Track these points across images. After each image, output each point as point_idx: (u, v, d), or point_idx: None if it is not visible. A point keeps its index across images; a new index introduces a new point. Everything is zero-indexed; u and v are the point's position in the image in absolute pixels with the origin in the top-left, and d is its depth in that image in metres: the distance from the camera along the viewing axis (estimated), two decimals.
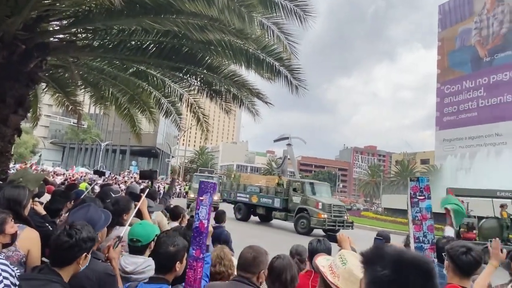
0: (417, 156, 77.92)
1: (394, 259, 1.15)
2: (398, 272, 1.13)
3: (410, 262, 1.14)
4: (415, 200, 2.86)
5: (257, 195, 20.63)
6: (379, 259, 1.17)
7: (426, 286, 1.13)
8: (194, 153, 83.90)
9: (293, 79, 6.96)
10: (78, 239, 1.98)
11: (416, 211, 2.84)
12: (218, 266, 2.89)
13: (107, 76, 8.92)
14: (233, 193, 22.46)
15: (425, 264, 1.15)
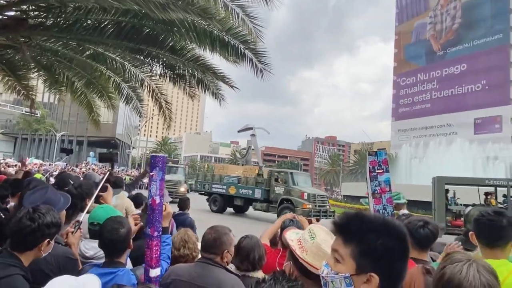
0: (374, 146, 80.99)
1: (386, 226, 1.14)
2: (392, 238, 1.12)
3: (396, 228, 1.14)
4: (373, 174, 2.95)
5: (235, 186, 20.09)
6: (370, 227, 1.15)
7: (408, 249, 1.16)
8: (156, 144, 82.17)
9: (258, 63, 6.88)
10: (41, 224, 1.88)
11: (375, 184, 2.93)
12: (182, 249, 2.86)
13: (62, 59, 8.42)
14: (207, 185, 21.71)
15: (404, 229, 1.17)
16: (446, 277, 1.18)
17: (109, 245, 2.21)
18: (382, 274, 1.10)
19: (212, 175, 22.45)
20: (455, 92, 53.08)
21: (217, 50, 6.80)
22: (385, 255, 1.11)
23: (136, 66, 8.68)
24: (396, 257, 1.12)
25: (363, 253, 1.12)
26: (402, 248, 1.13)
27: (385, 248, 1.11)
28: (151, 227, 2.13)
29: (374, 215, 1.23)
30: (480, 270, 1.18)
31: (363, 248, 1.12)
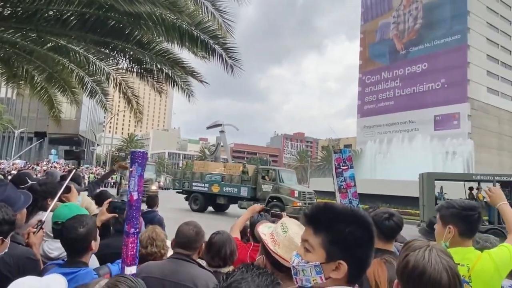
0: (341, 142, 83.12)
1: (354, 216, 1.20)
2: (359, 226, 1.18)
3: (363, 217, 1.20)
4: (339, 171, 3.06)
5: (218, 184, 19.34)
6: (339, 217, 1.19)
7: (374, 237, 1.21)
8: (122, 141, 79.94)
9: (228, 58, 6.82)
10: None
11: (341, 180, 3.04)
12: (150, 247, 2.80)
13: (21, 51, 7.97)
14: (187, 183, 20.74)
15: (370, 218, 1.23)
16: (411, 265, 1.22)
17: (69, 244, 2.15)
18: (350, 261, 1.15)
19: (192, 173, 21.41)
20: (416, 90, 55.30)
21: (186, 45, 6.68)
22: (353, 244, 1.16)
23: (101, 59, 8.36)
24: (363, 245, 1.17)
25: (332, 242, 1.17)
26: (368, 236, 1.19)
27: (354, 236, 1.15)
28: (128, 224, 2.08)
29: (343, 206, 1.29)
30: (440, 254, 1.24)
31: (332, 237, 1.17)
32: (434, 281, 1.17)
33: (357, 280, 1.22)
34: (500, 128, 54.31)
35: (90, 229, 2.16)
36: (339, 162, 3.05)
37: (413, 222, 17.84)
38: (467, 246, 2.04)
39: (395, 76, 58.80)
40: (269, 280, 1.05)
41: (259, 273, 1.06)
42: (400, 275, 1.27)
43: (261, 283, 1.03)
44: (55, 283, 1.51)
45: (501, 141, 54.05)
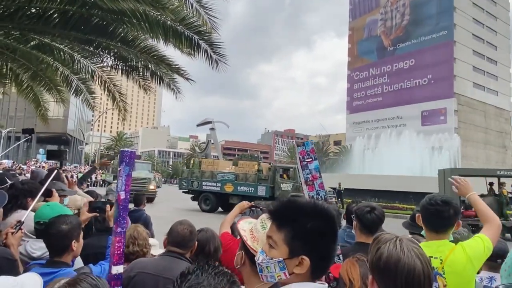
0: (330, 138, 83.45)
1: (316, 210, 1.20)
2: (321, 221, 1.19)
3: (327, 212, 1.21)
4: (304, 163, 3.11)
5: (232, 183, 18.41)
6: (300, 212, 1.20)
7: (336, 231, 1.24)
8: (111, 139, 79.19)
9: (213, 54, 6.83)
10: None
11: (307, 173, 3.10)
12: (131, 246, 2.80)
13: (4, 49, 7.87)
14: (196, 182, 19.65)
15: (334, 212, 1.25)
16: (384, 256, 1.23)
17: (49, 243, 2.16)
18: (313, 255, 1.16)
19: (202, 171, 20.17)
20: (404, 86, 55.85)
21: (170, 41, 6.68)
22: (316, 237, 1.16)
23: (85, 57, 8.30)
24: (326, 239, 1.18)
25: (295, 237, 1.17)
26: (331, 230, 1.20)
27: (315, 230, 1.16)
28: (115, 223, 2.09)
29: (306, 200, 1.31)
30: (409, 243, 1.27)
31: (294, 232, 1.17)
32: (409, 268, 1.19)
33: (321, 274, 1.23)
34: (486, 123, 55.19)
35: (73, 228, 2.16)
36: (303, 155, 3.12)
37: (401, 216, 18.10)
38: (442, 239, 2.08)
39: (383, 73, 59.27)
40: (226, 280, 1.04)
41: (215, 273, 1.05)
42: (374, 269, 1.27)
43: (218, 284, 1.02)
44: (30, 281, 1.50)
45: (487, 135, 54.95)
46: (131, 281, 2.22)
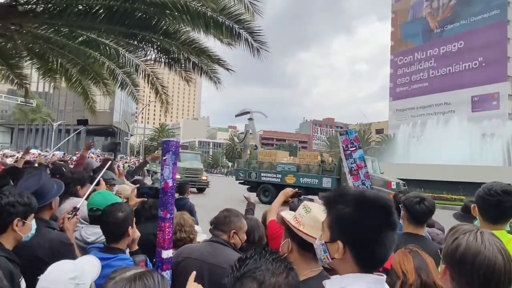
0: (372, 127, 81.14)
1: (356, 197, 1.21)
2: (360, 209, 1.18)
3: (370, 200, 1.19)
4: (348, 152, 2.98)
5: (294, 175, 17.75)
6: (342, 198, 1.22)
7: (385, 221, 1.18)
8: (154, 131, 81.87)
9: (254, 42, 6.78)
10: (4, 204, 1.91)
11: (351, 162, 2.97)
12: (179, 233, 2.88)
13: (55, 46, 8.27)
14: (254, 173, 19.22)
15: (384, 202, 1.20)
16: (462, 247, 1.20)
17: (107, 230, 2.25)
18: (349, 242, 1.17)
19: (260, 162, 19.68)
20: (452, 70, 52.88)
21: (211, 32, 6.69)
22: (350, 224, 1.17)
23: (130, 51, 8.55)
24: (363, 228, 1.16)
25: (333, 222, 1.21)
26: (372, 219, 1.16)
27: (350, 217, 1.17)
28: (164, 210, 2.16)
29: (356, 188, 1.30)
30: (491, 237, 1.21)
31: (333, 217, 1.22)
32: (489, 263, 1.15)
33: (373, 265, 1.19)
34: None
35: (128, 215, 2.26)
36: (347, 144, 2.99)
37: (449, 207, 17.28)
38: (499, 229, 1.98)
39: (429, 57, 56.40)
40: (283, 266, 1.05)
41: (273, 259, 1.06)
42: (449, 259, 1.24)
43: (276, 270, 1.04)
44: (89, 264, 1.57)
45: None
46: (178, 266, 2.29)
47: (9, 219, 1.92)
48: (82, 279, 1.46)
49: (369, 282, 1.15)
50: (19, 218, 1.95)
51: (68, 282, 1.44)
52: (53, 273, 1.49)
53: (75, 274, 1.47)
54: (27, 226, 2.00)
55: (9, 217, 1.92)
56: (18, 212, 1.95)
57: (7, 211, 1.91)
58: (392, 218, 1.18)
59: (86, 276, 1.47)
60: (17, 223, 1.94)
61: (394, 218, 1.18)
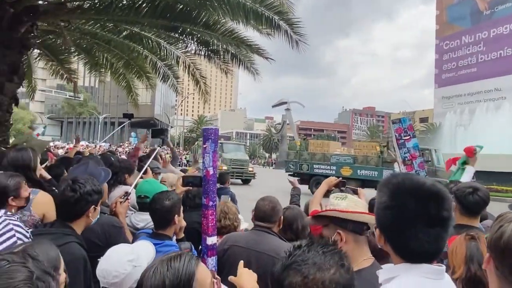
0: (416, 115, 77.88)
1: (394, 187, 1.17)
2: (393, 198, 1.15)
3: (406, 190, 1.14)
4: (401, 142, 2.85)
5: (350, 167, 16.97)
6: (384, 185, 1.21)
7: (421, 214, 1.11)
8: (192, 123, 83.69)
9: (293, 34, 6.73)
10: (83, 193, 2.00)
11: (404, 151, 2.84)
12: (223, 220, 2.93)
13: (101, 41, 8.64)
14: (306, 165, 18.52)
15: (424, 193, 1.13)
16: (506, 235, 1.12)
17: (155, 217, 2.33)
18: (383, 232, 1.18)
19: (312, 154, 19.19)
20: (504, 54, 49.38)
21: (251, 23, 6.68)
22: (383, 213, 1.17)
23: (171, 43, 8.76)
24: (394, 218, 1.14)
25: (375, 208, 1.23)
26: (403, 210, 1.13)
27: (383, 206, 1.16)
28: (206, 197, 2.19)
29: (405, 175, 1.23)
30: None
31: (375, 204, 1.23)
32: None
33: (416, 261, 1.13)
34: None
35: (175, 203, 2.32)
36: (400, 133, 2.85)
37: (499, 199, 16.34)
38: None
39: (477, 40, 52.99)
40: (333, 261, 1.00)
41: (323, 252, 1.02)
42: (493, 247, 1.17)
43: (323, 264, 0.99)
44: (145, 249, 1.64)
45: None
46: (225, 254, 2.33)
47: (87, 207, 2.03)
48: (139, 262, 1.53)
49: (425, 272, 1.11)
50: (94, 205, 2.07)
51: (127, 264, 1.51)
52: (113, 255, 1.58)
53: (132, 257, 1.55)
54: (97, 211, 2.13)
55: (87, 205, 2.03)
56: (93, 200, 2.07)
57: (86, 199, 2.02)
58: (432, 211, 1.10)
59: (142, 259, 1.54)
60: (92, 209, 2.06)
61: (436, 212, 1.11)
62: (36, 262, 0.91)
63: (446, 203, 1.12)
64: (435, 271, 1.11)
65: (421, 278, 1.10)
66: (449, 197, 1.15)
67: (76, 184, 2.03)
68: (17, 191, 2.23)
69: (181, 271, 1.11)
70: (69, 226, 1.99)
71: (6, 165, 2.72)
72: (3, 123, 6.25)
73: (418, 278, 1.10)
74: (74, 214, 2.02)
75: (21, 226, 2.13)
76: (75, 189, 2.00)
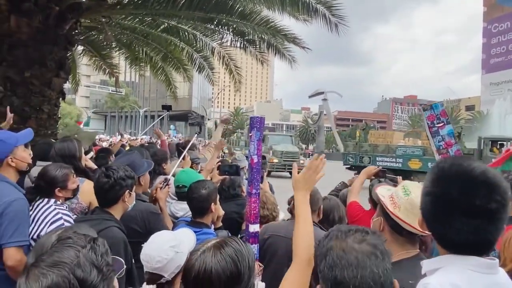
0: (461, 103, 74.03)
1: (439, 171, 1.10)
2: (435, 184, 1.09)
3: (452, 175, 1.06)
4: (434, 129, 2.66)
5: (420, 159, 15.87)
6: (431, 170, 1.14)
7: (461, 202, 1.02)
8: (229, 115, 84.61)
9: (332, 16, 6.55)
10: (117, 178, 2.09)
11: (439, 140, 2.65)
12: (261, 210, 2.91)
13: (140, 35, 8.90)
14: (367, 157, 17.58)
15: (473, 178, 1.02)
16: None
17: (192, 206, 2.39)
18: (428, 218, 1.12)
19: (374, 145, 18.37)
20: None
21: (286, 10, 6.59)
22: (424, 200, 1.12)
23: (206, 35, 8.86)
24: (432, 205, 1.08)
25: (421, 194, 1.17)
26: (441, 197, 1.06)
27: (426, 192, 1.11)
28: (250, 185, 2.20)
29: (457, 161, 1.11)
30: None
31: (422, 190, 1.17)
32: None
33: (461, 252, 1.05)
34: None
35: (211, 192, 2.37)
36: (432, 120, 2.67)
37: None
38: None
39: None
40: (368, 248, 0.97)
41: (359, 240, 0.99)
42: None
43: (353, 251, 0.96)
44: (187, 237, 1.67)
45: None
46: (265, 243, 2.35)
47: (121, 191, 2.11)
48: (181, 248, 1.56)
49: (472, 265, 1.02)
50: (128, 190, 2.15)
51: (169, 250, 1.55)
52: (156, 241, 1.61)
53: (175, 243, 1.58)
54: (132, 197, 2.20)
55: (121, 189, 2.11)
56: (127, 184, 2.14)
57: (119, 184, 2.10)
58: (478, 202, 0.99)
59: (184, 245, 1.57)
60: (127, 194, 2.13)
61: (482, 202, 0.99)
62: (91, 253, 0.92)
63: (497, 194, 1.00)
64: (485, 264, 1.02)
65: (468, 271, 1.01)
66: (504, 186, 1.02)
67: (110, 170, 2.12)
68: (64, 183, 2.33)
69: None
70: (108, 212, 2.09)
71: (54, 155, 2.86)
72: (51, 116, 6.57)
73: (464, 271, 1.01)
74: (110, 199, 2.11)
75: (69, 215, 2.25)
76: (109, 175, 2.09)
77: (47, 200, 2.24)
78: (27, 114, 5.69)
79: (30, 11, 5.67)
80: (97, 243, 0.96)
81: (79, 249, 0.91)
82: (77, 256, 0.89)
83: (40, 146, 3.46)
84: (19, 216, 2.05)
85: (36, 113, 5.84)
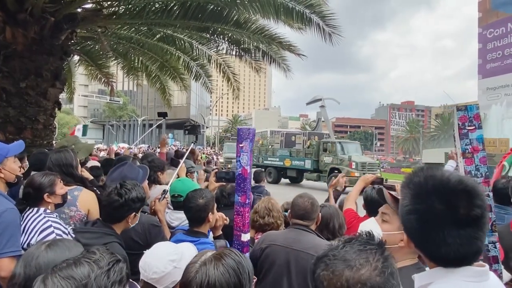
0: None
1: (416, 187, 1.06)
2: (417, 201, 1.04)
3: (431, 190, 1.02)
4: (464, 132, 2.62)
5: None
6: (405, 186, 1.10)
7: (448, 215, 0.99)
8: (227, 123, 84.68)
9: (325, 26, 6.60)
10: (128, 199, 2.06)
11: (466, 143, 2.61)
12: (267, 217, 2.89)
13: (136, 44, 8.93)
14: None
15: (451, 189, 1.00)
16: None
17: (189, 215, 2.35)
18: (409, 235, 1.08)
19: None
20: None
21: (281, 18, 6.63)
22: (405, 215, 1.07)
23: (202, 43, 8.90)
24: (415, 220, 1.03)
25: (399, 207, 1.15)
26: (432, 211, 1.00)
27: (405, 205, 1.06)
28: (242, 195, 2.19)
29: (430, 173, 1.08)
30: None
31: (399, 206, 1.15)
32: None
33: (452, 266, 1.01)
34: None
35: (208, 201, 2.33)
36: (464, 122, 2.63)
37: None
38: None
39: None
40: (366, 260, 0.91)
41: (359, 250, 0.94)
42: None
43: (354, 262, 0.90)
44: (189, 251, 1.64)
45: None
46: (263, 253, 2.31)
47: (128, 213, 2.10)
48: (180, 264, 1.53)
49: (464, 276, 0.99)
50: (135, 213, 2.14)
51: (168, 263, 1.54)
52: (158, 251, 1.60)
53: (175, 257, 1.57)
54: (137, 218, 2.19)
55: (129, 211, 2.10)
56: (136, 207, 2.13)
57: (129, 205, 2.09)
58: (461, 211, 0.97)
59: (184, 261, 1.54)
60: (132, 216, 2.12)
61: (465, 211, 0.97)
62: (104, 276, 0.92)
63: (478, 200, 0.99)
64: (477, 273, 1.00)
65: (461, 282, 0.99)
66: (481, 192, 1.01)
67: (123, 189, 2.09)
68: (52, 187, 2.30)
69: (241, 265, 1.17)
70: (110, 226, 2.07)
71: (50, 166, 2.85)
72: (47, 126, 6.56)
73: (457, 283, 0.99)
74: (115, 218, 2.09)
75: (59, 222, 2.22)
76: (121, 194, 2.07)
77: (36, 210, 2.22)
78: (22, 124, 5.68)
79: (26, 22, 5.67)
80: (115, 268, 0.95)
81: (94, 269, 0.90)
82: (89, 275, 0.88)
83: (35, 156, 3.46)
84: (11, 226, 2.02)
85: (31, 124, 5.82)
